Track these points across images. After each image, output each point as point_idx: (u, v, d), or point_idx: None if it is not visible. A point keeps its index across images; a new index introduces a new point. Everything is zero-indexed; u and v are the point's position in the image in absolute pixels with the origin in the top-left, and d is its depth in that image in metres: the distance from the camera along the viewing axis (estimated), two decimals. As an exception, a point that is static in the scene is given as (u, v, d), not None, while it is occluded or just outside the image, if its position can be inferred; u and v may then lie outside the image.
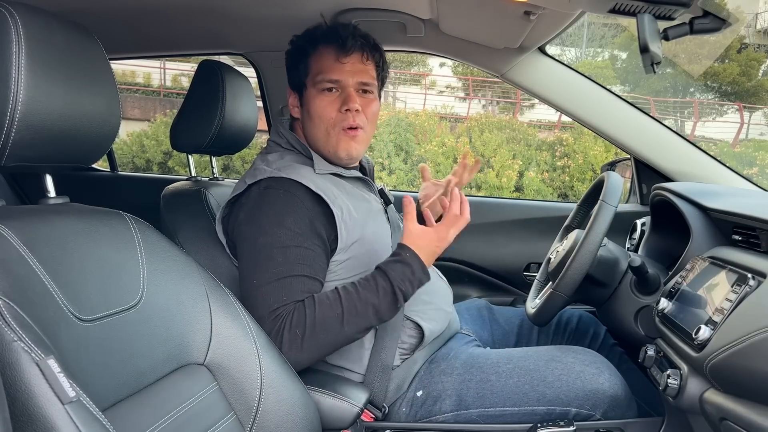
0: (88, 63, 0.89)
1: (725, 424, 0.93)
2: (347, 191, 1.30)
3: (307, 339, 1.12)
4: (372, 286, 1.16)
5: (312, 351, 1.14)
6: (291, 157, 1.32)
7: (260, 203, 1.22)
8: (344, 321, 1.13)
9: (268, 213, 1.20)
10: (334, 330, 1.13)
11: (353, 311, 1.14)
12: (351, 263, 1.26)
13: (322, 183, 1.25)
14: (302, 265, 1.18)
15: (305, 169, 1.28)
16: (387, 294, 1.15)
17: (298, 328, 1.12)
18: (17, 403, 0.65)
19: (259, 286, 1.16)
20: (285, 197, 1.21)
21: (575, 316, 1.60)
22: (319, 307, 1.14)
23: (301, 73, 1.34)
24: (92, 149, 0.93)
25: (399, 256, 1.19)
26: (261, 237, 1.19)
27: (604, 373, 1.23)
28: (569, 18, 1.39)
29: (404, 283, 1.16)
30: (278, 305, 1.14)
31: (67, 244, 0.84)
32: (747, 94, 14.63)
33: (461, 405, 1.23)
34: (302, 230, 1.19)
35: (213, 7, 1.58)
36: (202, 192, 1.44)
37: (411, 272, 1.17)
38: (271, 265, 1.16)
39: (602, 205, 1.27)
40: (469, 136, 10.31)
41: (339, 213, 1.23)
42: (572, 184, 9.53)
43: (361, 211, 1.29)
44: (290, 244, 1.18)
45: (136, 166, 9.97)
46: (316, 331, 1.12)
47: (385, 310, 1.16)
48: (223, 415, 0.99)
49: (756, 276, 0.96)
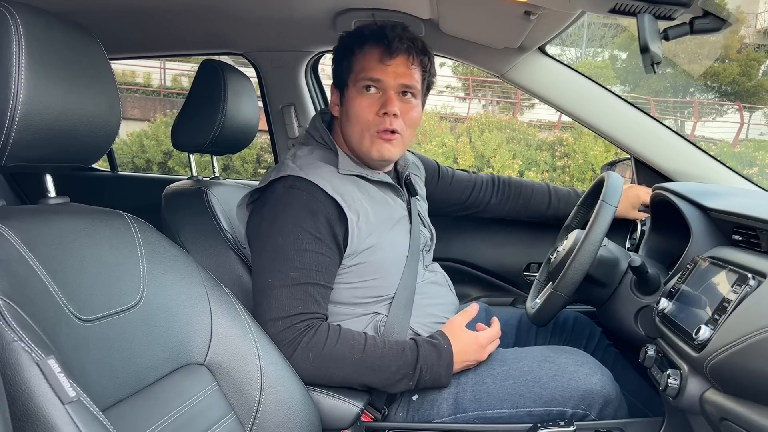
0: (88, 63, 0.90)
1: (725, 424, 0.93)
2: (370, 194, 1.28)
3: (314, 363, 1.13)
4: (398, 351, 1.17)
5: (313, 375, 1.15)
6: (319, 153, 1.31)
7: (283, 202, 1.21)
8: (356, 367, 1.14)
9: (289, 213, 1.19)
10: (343, 370, 1.15)
11: (368, 363, 1.15)
12: (359, 269, 1.25)
13: (341, 185, 1.24)
14: (318, 272, 1.17)
15: (328, 168, 1.26)
16: (407, 366, 1.16)
17: (312, 350, 1.12)
18: (17, 403, 0.65)
19: (274, 286, 1.15)
20: (308, 199, 1.19)
21: (571, 317, 1.61)
22: (340, 342, 1.14)
23: (344, 71, 1.31)
24: (92, 149, 0.93)
25: (437, 341, 1.21)
26: (280, 236, 1.18)
27: (596, 373, 1.23)
28: (569, 18, 1.39)
29: (427, 366, 1.17)
30: (294, 312, 1.14)
31: (68, 244, 0.84)
32: (747, 94, 14.62)
33: (458, 408, 1.22)
34: (322, 234, 1.19)
35: (213, 7, 1.58)
36: (204, 191, 1.44)
37: (437, 360, 1.18)
38: (288, 267, 1.16)
39: (602, 205, 1.27)
40: (469, 136, 10.31)
41: (354, 219, 1.22)
42: (572, 184, 9.53)
43: (381, 217, 1.27)
44: (309, 248, 1.17)
45: (136, 166, 9.97)
46: (328, 362, 1.13)
47: (397, 380, 1.17)
48: (223, 415, 0.99)
49: (756, 276, 0.96)
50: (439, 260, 1.57)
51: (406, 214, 1.36)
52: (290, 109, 2.04)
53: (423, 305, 1.32)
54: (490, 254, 1.96)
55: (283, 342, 1.12)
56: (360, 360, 1.14)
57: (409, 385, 1.17)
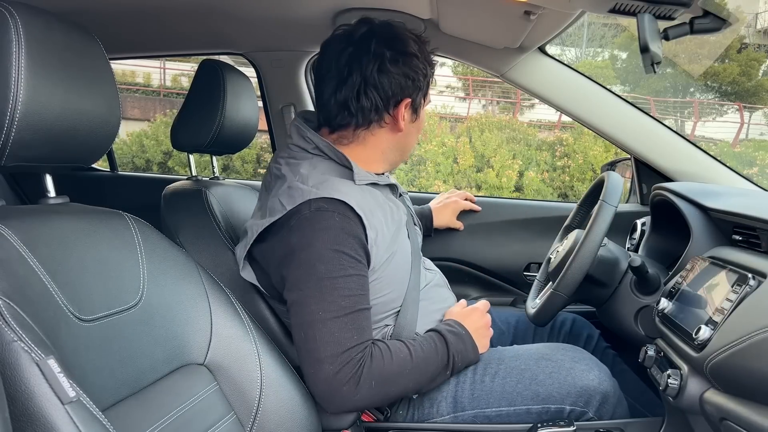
0: (88, 63, 0.89)
1: (725, 424, 0.93)
2: (380, 202, 1.24)
3: (377, 388, 1.11)
4: (432, 348, 1.19)
5: (377, 400, 1.14)
6: (324, 166, 1.22)
7: (314, 227, 1.12)
8: (410, 377, 1.15)
9: (324, 238, 1.11)
10: (401, 385, 1.15)
11: (419, 369, 1.16)
12: (374, 285, 1.21)
13: (361, 198, 1.18)
14: (363, 296, 1.13)
15: (344, 183, 1.19)
16: (443, 358, 1.19)
17: (374, 377, 1.10)
18: (17, 403, 0.65)
19: (326, 319, 1.08)
20: (341, 220, 1.12)
21: (569, 319, 1.61)
22: (394, 359, 1.13)
23: (423, 87, 1.26)
24: (92, 149, 0.93)
25: (454, 328, 1.24)
26: (321, 264, 1.10)
27: (594, 370, 1.23)
28: (569, 18, 1.39)
29: (457, 354, 1.21)
30: (353, 344, 1.08)
31: (67, 244, 0.84)
32: (747, 94, 14.62)
33: (457, 407, 1.23)
34: (359, 255, 1.13)
35: (213, 7, 1.57)
36: (203, 191, 1.44)
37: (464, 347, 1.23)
38: (337, 297, 1.09)
39: (602, 205, 1.27)
40: (469, 136, 10.30)
41: (374, 236, 1.17)
42: (572, 184, 9.53)
43: (392, 227, 1.24)
44: (353, 272, 1.11)
45: (136, 166, 9.97)
46: (388, 381, 1.13)
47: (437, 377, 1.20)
48: (223, 415, 0.99)
49: (756, 276, 0.96)
50: (439, 260, 1.57)
51: (405, 216, 1.35)
52: (290, 109, 2.04)
53: (429, 311, 1.32)
54: (489, 254, 1.96)
55: (344, 379, 1.07)
56: (412, 369, 1.15)
57: (447, 375, 1.21)
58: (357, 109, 1.21)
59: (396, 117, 1.23)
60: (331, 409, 1.13)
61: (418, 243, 1.40)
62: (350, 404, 1.10)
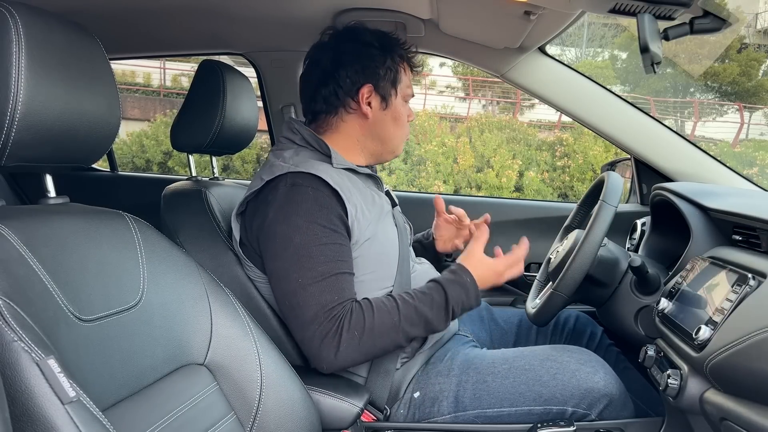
0: (88, 63, 0.89)
1: (725, 424, 0.93)
2: (359, 189, 1.30)
3: (364, 341, 1.14)
4: (428, 299, 1.20)
5: (366, 353, 1.17)
6: (306, 153, 1.31)
7: (290, 200, 1.20)
8: (400, 329, 1.16)
9: (299, 211, 1.19)
10: (390, 336, 1.16)
11: (408, 320, 1.17)
12: (359, 262, 1.25)
13: (339, 178, 1.25)
14: (342, 262, 1.19)
15: (322, 164, 1.26)
16: (440, 310, 1.20)
17: (356, 330, 1.14)
18: (17, 403, 0.65)
19: (306, 285, 1.15)
20: (314, 194, 1.20)
21: (572, 316, 1.60)
22: (377, 312, 1.16)
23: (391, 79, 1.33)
24: (92, 149, 0.93)
25: (459, 277, 1.24)
26: (297, 235, 1.17)
27: (599, 372, 1.23)
28: (569, 18, 1.39)
29: (458, 304, 1.21)
30: (333, 304, 1.14)
31: (67, 244, 0.84)
32: (747, 94, 14.62)
33: (459, 406, 1.23)
34: (335, 226, 1.20)
35: (213, 7, 1.58)
36: (203, 192, 1.44)
37: (466, 296, 1.23)
38: (314, 264, 1.16)
39: (602, 205, 1.27)
40: (469, 136, 10.30)
41: (353, 211, 1.23)
42: (572, 184, 9.53)
43: (374, 211, 1.29)
44: (327, 241, 1.18)
45: (136, 166, 9.97)
46: (374, 334, 1.15)
47: (437, 324, 1.21)
48: (223, 415, 0.99)
49: (756, 276, 0.96)
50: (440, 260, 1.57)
51: (389, 208, 1.38)
52: (290, 109, 2.04)
53: None
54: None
55: (327, 334, 1.13)
56: (400, 320, 1.17)
57: (446, 323, 1.22)
58: (321, 98, 1.33)
59: (359, 102, 1.31)
60: (325, 368, 1.16)
61: (407, 237, 1.42)
62: (341, 359, 1.14)
